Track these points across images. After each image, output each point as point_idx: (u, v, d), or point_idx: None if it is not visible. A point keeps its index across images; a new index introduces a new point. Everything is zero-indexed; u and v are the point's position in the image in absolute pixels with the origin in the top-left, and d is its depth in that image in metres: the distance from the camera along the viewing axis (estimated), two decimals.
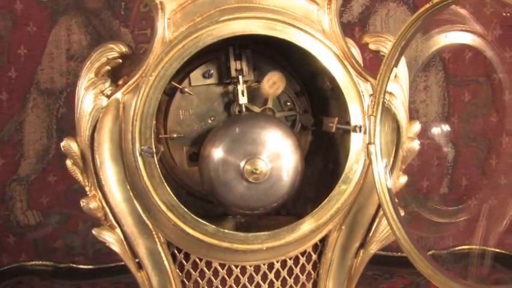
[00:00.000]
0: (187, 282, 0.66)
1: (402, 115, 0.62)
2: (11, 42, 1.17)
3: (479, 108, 1.25)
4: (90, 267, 1.16)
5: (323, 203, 0.60)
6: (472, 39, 0.70)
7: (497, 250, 1.16)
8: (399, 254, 1.17)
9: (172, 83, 0.63)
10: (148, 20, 1.18)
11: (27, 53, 1.18)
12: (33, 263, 1.17)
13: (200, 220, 0.59)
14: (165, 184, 0.58)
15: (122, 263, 1.13)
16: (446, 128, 0.82)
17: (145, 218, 0.62)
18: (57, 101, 1.21)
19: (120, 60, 0.61)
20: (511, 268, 1.09)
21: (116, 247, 0.62)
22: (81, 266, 1.16)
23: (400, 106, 0.61)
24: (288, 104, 0.68)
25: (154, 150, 0.58)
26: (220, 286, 0.66)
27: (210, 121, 0.67)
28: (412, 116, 1.21)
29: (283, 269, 0.66)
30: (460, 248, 1.20)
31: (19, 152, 1.20)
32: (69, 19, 1.20)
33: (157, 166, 0.58)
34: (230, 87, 0.67)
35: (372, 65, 0.79)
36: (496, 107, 1.25)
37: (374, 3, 1.22)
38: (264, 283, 0.67)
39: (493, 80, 1.25)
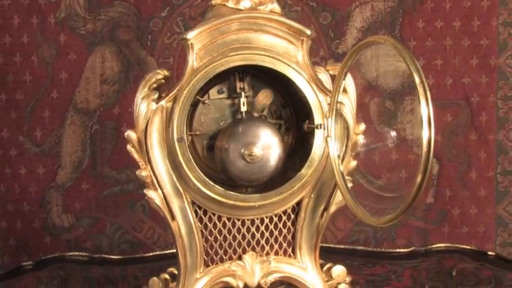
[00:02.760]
0: (204, 231, 1.07)
1: (350, 118, 1.05)
2: (54, 68, 1.49)
3: (460, 127, 1.58)
4: (119, 257, 1.51)
5: (296, 176, 1.05)
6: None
7: (467, 247, 1.59)
8: (382, 249, 1.55)
9: (197, 97, 1.05)
10: (171, 50, 1.53)
11: (67, 77, 1.50)
12: (71, 253, 1.50)
13: (214, 185, 1.03)
14: (192, 160, 1.02)
15: (146, 255, 1.55)
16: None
17: (178, 184, 1.03)
18: (91, 119, 1.52)
19: (163, 81, 1.06)
20: (476, 260, 1.46)
21: (158, 202, 1.03)
22: (112, 256, 1.51)
23: (348, 111, 1.05)
24: (276, 112, 1.12)
25: (185, 138, 1.02)
26: (227, 234, 1.07)
27: (221, 123, 1.08)
28: (400, 134, 1.61)
29: (270, 223, 1.08)
30: (436, 245, 1.56)
31: (57, 162, 1.52)
32: (103, 49, 1.51)
33: (188, 149, 1.02)
34: (236, 100, 1.08)
35: None
36: (474, 126, 1.59)
37: (366, 36, 1.54)
38: (257, 233, 1.08)
39: (471, 103, 1.58)
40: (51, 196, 1.53)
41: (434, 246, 1.54)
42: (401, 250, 1.54)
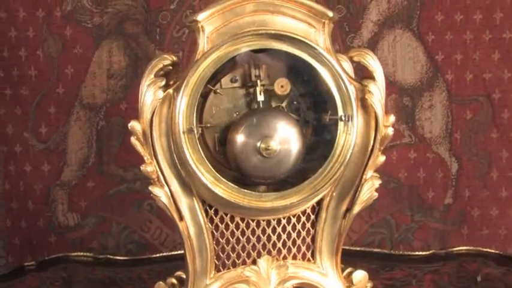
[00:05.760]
0: (215, 233, 0.94)
1: (379, 109, 0.91)
2: (60, 63, 1.40)
3: (480, 125, 1.46)
4: (125, 258, 1.42)
5: (317, 173, 0.91)
6: None
7: (491, 250, 1.43)
8: (400, 252, 1.42)
9: (208, 86, 0.92)
10: (180, 44, 1.43)
11: (73, 72, 1.41)
12: (76, 254, 1.41)
13: (227, 182, 0.89)
14: (203, 154, 0.88)
15: (153, 256, 1.45)
16: None
17: (187, 181, 0.90)
18: (98, 115, 1.43)
19: (171, 67, 0.92)
20: (501, 265, 1.32)
21: (164, 200, 0.90)
22: (117, 257, 1.41)
23: (377, 101, 0.91)
24: (295, 103, 0.97)
25: (195, 129, 0.88)
26: (240, 236, 0.94)
27: (235, 115, 0.95)
28: (418, 132, 1.48)
29: (288, 225, 0.95)
30: (458, 248, 1.43)
31: (63, 159, 1.42)
32: (110, 43, 1.42)
33: (197, 141, 0.88)
34: (251, 90, 0.95)
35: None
36: (496, 123, 1.46)
37: (382, 30, 1.44)
38: (274, 235, 0.95)
39: (492, 99, 1.45)
40: (56, 194, 1.45)
41: (455, 249, 1.39)
42: (420, 253, 1.40)
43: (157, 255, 1.44)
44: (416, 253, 1.41)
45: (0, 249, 1.43)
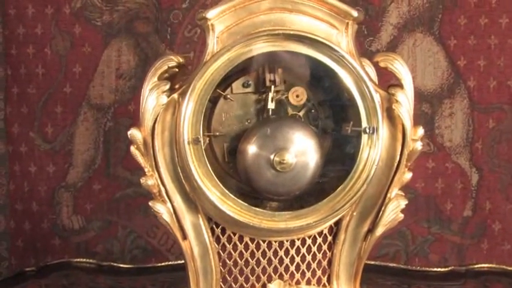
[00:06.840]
0: (222, 254, 0.83)
1: (407, 120, 0.80)
2: (68, 61, 1.32)
3: (504, 134, 1.34)
4: (129, 266, 1.31)
5: (337, 191, 0.79)
6: None
7: None
8: (417, 268, 1.30)
9: (218, 90, 0.82)
10: (192, 44, 1.33)
11: (81, 71, 1.32)
12: (78, 260, 1.32)
13: (235, 198, 0.78)
14: (209, 168, 0.77)
15: (158, 264, 1.33)
16: None
17: (191, 197, 0.80)
18: (105, 115, 1.34)
19: (177, 69, 0.80)
20: None
21: (166, 217, 0.80)
22: (121, 265, 1.31)
23: (405, 112, 0.79)
24: (312, 111, 0.86)
25: (202, 140, 0.77)
26: (249, 258, 0.83)
27: (246, 123, 0.85)
28: (437, 140, 1.35)
29: (302, 247, 0.84)
30: (479, 265, 1.30)
31: (68, 161, 1.34)
32: (120, 41, 1.33)
33: (204, 152, 0.77)
34: (264, 96, 0.84)
35: None
36: None
37: (402, 34, 1.34)
38: (286, 257, 0.84)
39: None
40: (61, 196, 1.36)
41: (476, 266, 1.26)
42: (439, 269, 1.26)
43: (162, 264, 1.34)
44: (434, 269, 1.27)
45: (3, 251, 1.36)
